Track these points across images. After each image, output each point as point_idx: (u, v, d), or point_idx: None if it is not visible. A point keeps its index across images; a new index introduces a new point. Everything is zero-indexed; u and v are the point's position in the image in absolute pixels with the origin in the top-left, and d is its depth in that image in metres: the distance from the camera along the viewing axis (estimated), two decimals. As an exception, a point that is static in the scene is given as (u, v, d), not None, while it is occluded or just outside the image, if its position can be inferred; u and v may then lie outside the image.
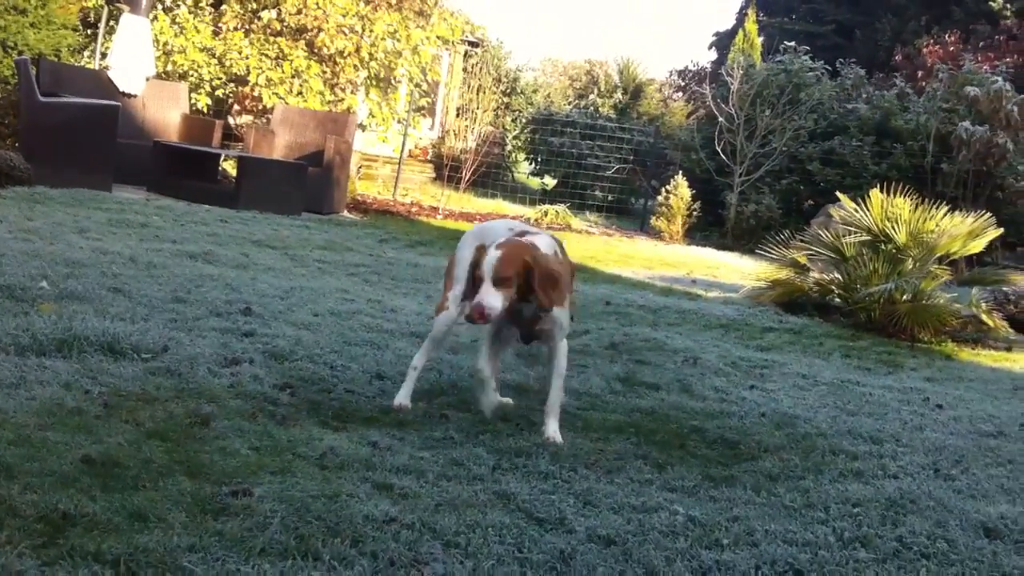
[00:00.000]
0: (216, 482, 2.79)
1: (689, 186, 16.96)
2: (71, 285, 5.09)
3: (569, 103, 31.09)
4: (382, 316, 5.82)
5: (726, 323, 7.54)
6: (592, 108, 27.28)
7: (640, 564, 2.69)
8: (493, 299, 3.63)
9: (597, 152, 21.20)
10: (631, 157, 21.23)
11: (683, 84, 33.59)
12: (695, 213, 17.01)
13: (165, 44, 14.74)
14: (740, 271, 12.17)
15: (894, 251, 8.43)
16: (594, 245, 14.05)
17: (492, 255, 3.68)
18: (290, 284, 6.38)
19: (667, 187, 17.14)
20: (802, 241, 9.26)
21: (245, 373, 4.03)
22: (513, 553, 2.64)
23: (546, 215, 16.95)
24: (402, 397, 4.00)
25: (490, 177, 19.80)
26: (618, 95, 29.09)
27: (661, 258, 13.21)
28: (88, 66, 14.18)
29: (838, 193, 10.46)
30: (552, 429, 3.85)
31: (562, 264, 3.94)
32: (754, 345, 6.82)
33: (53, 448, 2.79)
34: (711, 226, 17.83)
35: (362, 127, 16.49)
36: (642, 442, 3.93)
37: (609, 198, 20.63)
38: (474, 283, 3.76)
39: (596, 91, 30.02)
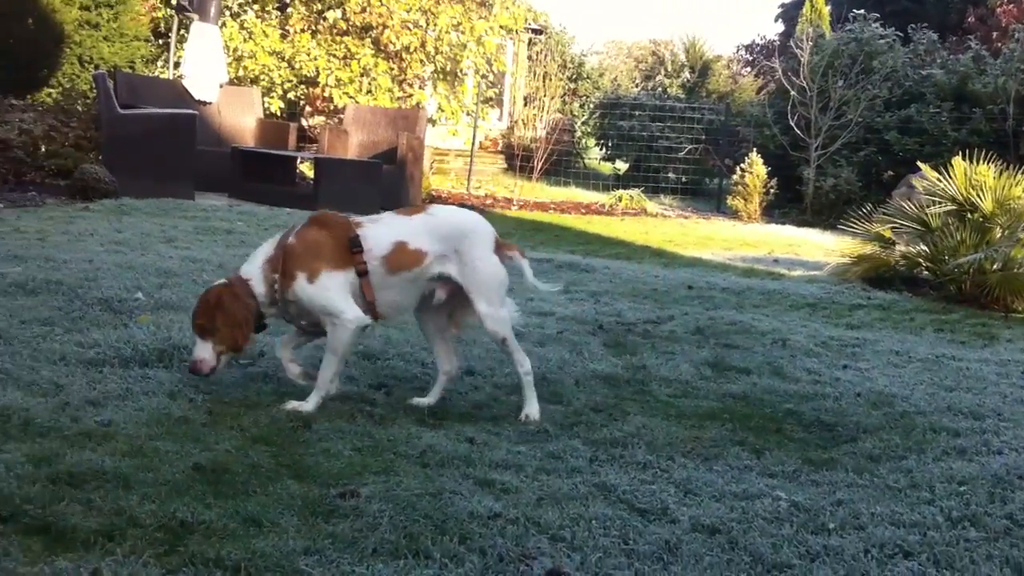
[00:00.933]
0: (323, 484, 2.84)
1: (764, 163, 16.73)
2: (165, 295, 5.21)
3: (636, 85, 30.89)
4: (469, 311, 5.85)
5: (813, 302, 7.44)
6: (660, 89, 27.04)
7: (747, 552, 2.68)
8: (201, 352, 3.52)
9: (668, 133, 21.02)
10: (702, 137, 21.02)
11: (751, 59, 33.14)
12: (772, 190, 16.78)
13: (235, 50, 15.00)
14: (822, 248, 11.99)
15: (981, 220, 8.24)
16: (671, 228, 13.96)
17: (193, 305, 3.66)
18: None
19: (742, 165, 16.93)
20: (885, 214, 9.09)
21: (340, 375, 4.08)
22: (619, 545, 2.64)
23: (620, 200, 16.88)
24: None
25: (561, 165, 19.79)
26: (685, 74, 28.78)
27: (740, 238, 13.07)
28: (162, 76, 14.49)
29: (919, 163, 10.26)
30: (312, 401, 3.60)
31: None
32: (843, 323, 6.72)
33: (165, 457, 2.87)
34: (789, 203, 17.57)
35: (432, 122, 16.59)
36: (737, 428, 3.91)
37: (683, 180, 20.46)
38: None
39: (663, 71, 29.74)
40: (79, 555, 2.21)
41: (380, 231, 3.73)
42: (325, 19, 15.99)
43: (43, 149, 10.40)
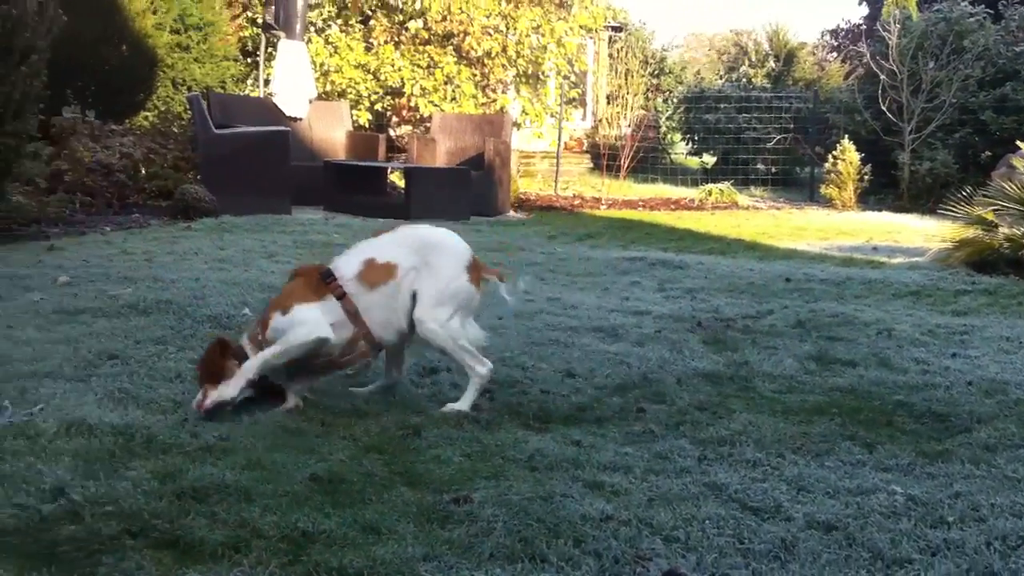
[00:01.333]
0: (436, 490, 2.89)
1: (856, 149, 16.37)
2: (269, 309, 5.34)
3: (720, 77, 30.49)
4: (563, 313, 5.87)
5: (916, 290, 7.27)
6: (744, 80, 26.68)
7: (865, 548, 2.65)
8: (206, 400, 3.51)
9: (755, 124, 20.75)
10: (791, 126, 20.69)
11: (836, 44, 32.45)
12: (866, 177, 16.41)
13: (321, 65, 15.28)
14: (922, 233, 11.71)
15: (1087, 197, 7.96)
16: (763, 221, 13.77)
17: None
18: (470, 289, 6.50)
19: (833, 152, 16.60)
20: (985, 196, 8.84)
21: (444, 382, 4.15)
22: (734, 544, 2.63)
23: (710, 194, 16.72)
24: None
25: (648, 162, 19.66)
26: (770, 63, 28.29)
27: (836, 227, 12.83)
28: (253, 94, 14.83)
29: (1018, 142, 9.94)
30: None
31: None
32: (949, 311, 6.56)
33: (282, 469, 2.94)
34: (884, 188, 17.17)
35: (516, 125, 16.67)
36: (847, 422, 3.85)
37: (772, 170, 20.17)
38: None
39: (746, 62, 29.30)
40: (208, 567, 2.28)
41: (349, 256, 3.87)
42: (407, 29, 16.19)
43: (143, 172, 10.73)
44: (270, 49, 14.43)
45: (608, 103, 22.96)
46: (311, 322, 3.67)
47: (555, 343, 5.05)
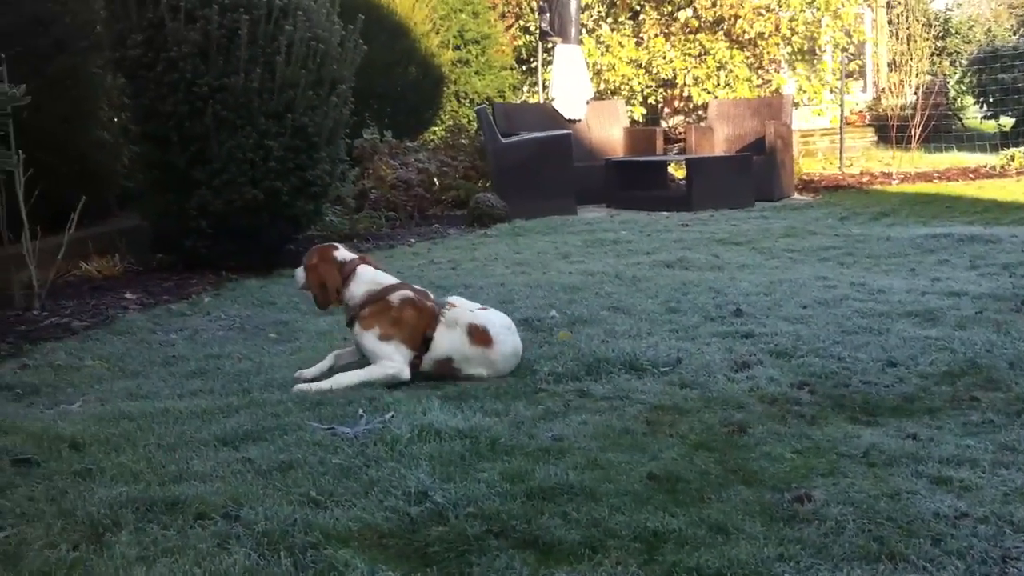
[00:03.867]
0: (773, 488, 2.88)
1: None
2: (575, 309, 5.50)
3: (1013, 33, 28.25)
4: (871, 299, 5.66)
5: None
6: (1042, 32, 24.58)
7: None
8: None
9: (1059, 79, 19.06)
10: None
11: None
12: None
13: (594, 64, 15.48)
14: None
15: None
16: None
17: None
18: (768, 279, 6.41)
19: None
20: None
21: (760, 376, 4.10)
22: (1110, 543, 2.46)
23: (1012, 160, 15.52)
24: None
25: (939, 130, 18.52)
26: (1072, 11, 25.96)
27: None
28: (531, 100, 15.25)
29: None
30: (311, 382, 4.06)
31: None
32: None
33: (619, 468, 3.03)
34: None
35: (795, 104, 16.19)
36: None
37: (1083, 128, 18.46)
38: None
39: (1043, 11, 27.00)
40: (572, 567, 2.39)
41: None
42: (676, 20, 16.12)
43: (438, 184, 11.31)
44: (545, 55, 14.80)
45: (890, 71, 21.82)
46: None
47: (868, 331, 4.88)
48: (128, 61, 7.16)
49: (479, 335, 4.15)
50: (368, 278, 4.26)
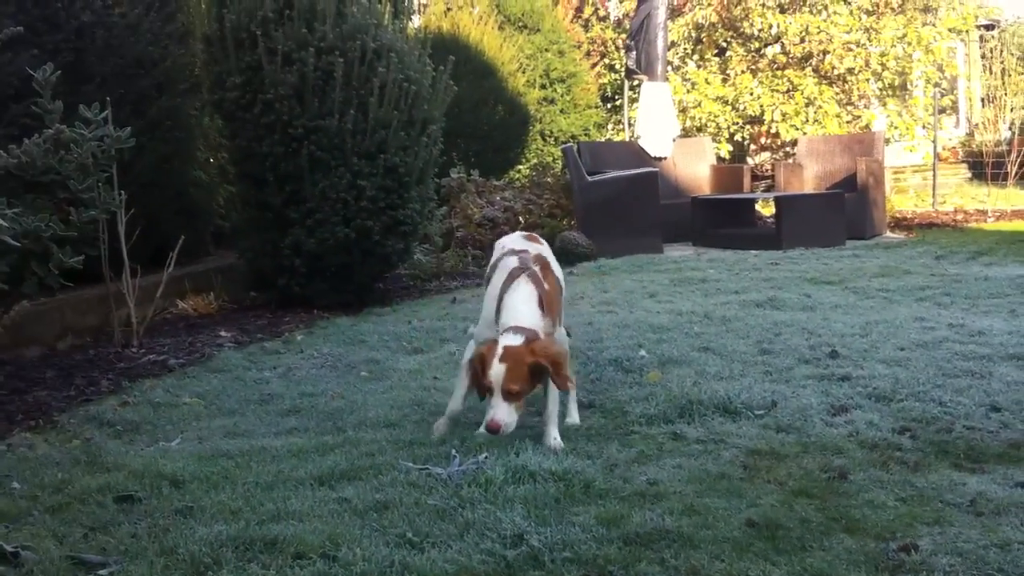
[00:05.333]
0: (877, 537, 2.80)
1: None
2: (664, 349, 5.45)
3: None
4: (971, 341, 5.50)
5: None
6: None
7: None
8: (505, 414, 3.54)
9: None
10: None
11: None
12: None
13: (680, 102, 15.44)
14: None
15: None
16: None
17: (498, 369, 3.50)
18: (863, 319, 6.28)
19: None
20: None
21: (858, 420, 4.01)
22: None
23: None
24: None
25: (1036, 166, 18.01)
26: None
27: None
28: (616, 138, 15.28)
29: None
30: (552, 436, 3.76)
31: (551, 286, 3.88)
32: None
33: (717, 514, 2.98)
34: None
35: (884, 140, 15.94)
36: None
37: None
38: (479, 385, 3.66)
39: None
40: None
41: None
42: (763, 56, 16.02)
43: (523, 222, 11.35)
44: (630, 93, 14.83)
45: (983, 106, 21.34)
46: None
47: (969, 374, 4.74)
48: (226, 103, 7.36)
49: None
50: None
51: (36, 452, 3.93)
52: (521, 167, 14.33)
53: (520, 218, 11.38)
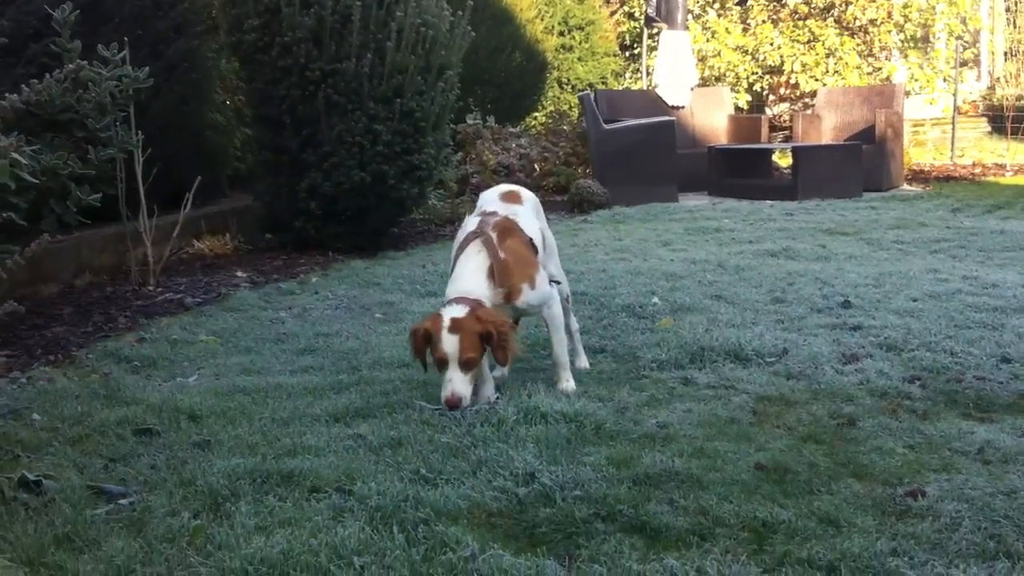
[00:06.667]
0: (885, 483, 2.83)
1: None
2: (677, 297, 5.47)
3: None
4: (984, 293, 5.50)
5: None
6: None
7: None
8: (463, 387, 3.38)
9: None
10: None
11: None
12: None
13: (699, 51, 15.30)
14: None
15: None
16: None
17: (450, 341, 3.35)
18: (877, 270, 6.28)
19: None
20: None
21: (869, 369, 4.03)
22: None
23: None
24: None
25: (1058, 120, 17.83)
26: None
27: None
28: (634, 87, 15.16)
29: None
30: (565, 379, 3.78)
31: (513, 253, 3.65)
32: None
33: (726, 457, 3.02)
34: None
35: (906, 93, 15.78)
36: None
37: None
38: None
39: None
40: (680, 554, 2.39)
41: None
42: (785, 5, 15.82)
43: (539, 170, 11.34)
44: (649, 41, 14.69)
45: (1006, 60, 21.08)
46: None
47: (981, 325, 4.74)
48: (244, 45, 7.34)
49: None
50: None
51: (55, 385, 3.99)
52: (538, 114, 14.25)
53: (536, 165, 11.37)
